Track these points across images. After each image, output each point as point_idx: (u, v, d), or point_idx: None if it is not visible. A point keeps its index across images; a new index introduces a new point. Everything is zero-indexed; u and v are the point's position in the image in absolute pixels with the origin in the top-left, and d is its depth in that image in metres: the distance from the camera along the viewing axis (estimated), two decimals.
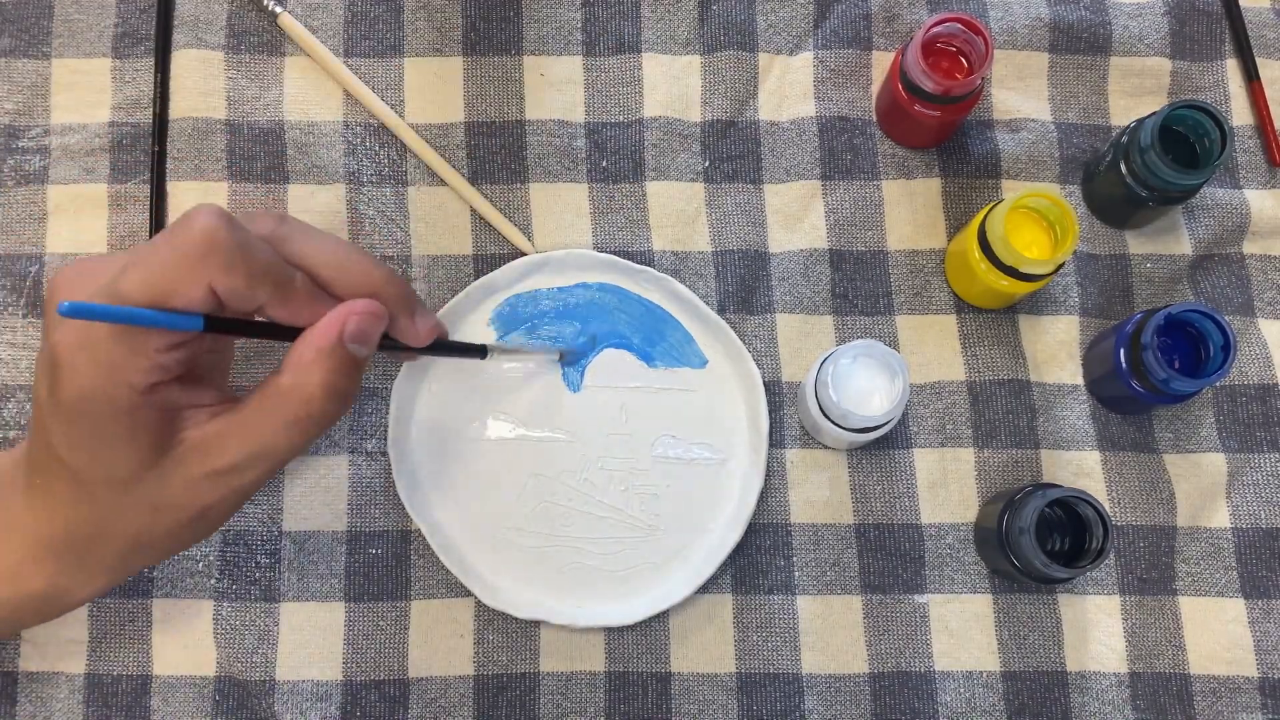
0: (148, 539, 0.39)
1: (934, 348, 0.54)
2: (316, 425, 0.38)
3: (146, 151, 0.55)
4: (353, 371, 0.38)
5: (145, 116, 0.55)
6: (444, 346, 0.44)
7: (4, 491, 0.41)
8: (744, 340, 0.53)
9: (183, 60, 0.55)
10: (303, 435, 0.38)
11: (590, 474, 0.52)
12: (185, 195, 0.54)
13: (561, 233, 0.55)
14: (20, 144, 0.55)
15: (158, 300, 0.34)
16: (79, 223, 0.54)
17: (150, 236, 0.54)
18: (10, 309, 0.53)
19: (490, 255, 0.54)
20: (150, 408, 0.36)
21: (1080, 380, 0.54)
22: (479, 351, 0.48)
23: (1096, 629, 0.51)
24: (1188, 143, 0.52)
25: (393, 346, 0.41)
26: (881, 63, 0.57)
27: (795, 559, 0.52)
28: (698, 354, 0.54)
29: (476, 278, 0.54)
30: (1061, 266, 0.49)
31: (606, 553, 0.52)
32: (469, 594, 0.51)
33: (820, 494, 0.52)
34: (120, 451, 0.36)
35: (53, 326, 0.35)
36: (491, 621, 0.51)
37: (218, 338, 0.41)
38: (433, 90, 0.56)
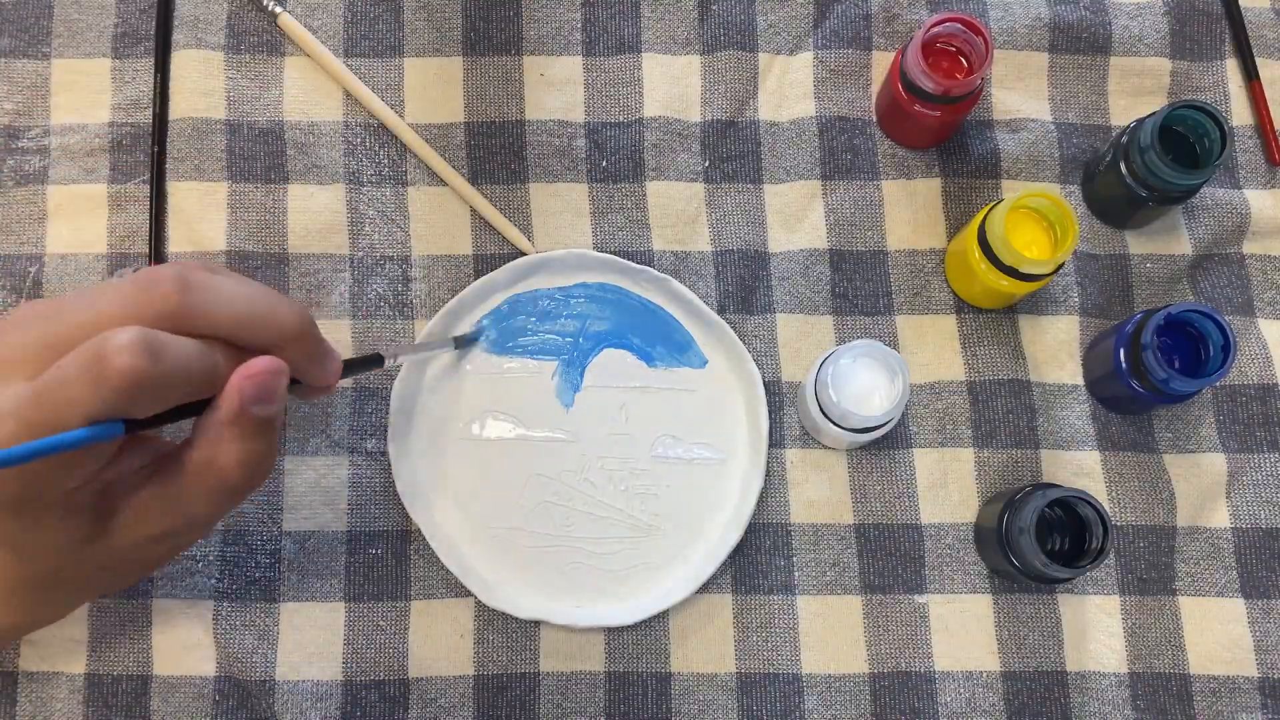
0: (93, 587, 0.40)
1: (934, 348, 0.54)
2: (239, 493, 0.37)
3: (146, 151, 0.55)
4: (264, 432, 0.36)
5: (145, 116, 0.55)
6: (346, 366, 0.42)
7: None
8: (744, 340, 0.53)
9: (183, 60, 0.55)
10: (227, 502, 0.38)
11: (590, 474, 0.52)
12: (185, 195, 0.54)
13: (561, 233, 0.55)
14: (20, 144, 0.55)
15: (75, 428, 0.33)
16: (79, 223, 0.54)
17: (150, 237, 0.54)
18: (10, 309, 0.53)
19: (490, 255, 0.54)
20: (83, 500, 0.36)
21: (1080, 380, 0.54)
22: (377, 361, 0.45)
23: (1096, 629, 0.51)
24: (1188, 143, 0.52)
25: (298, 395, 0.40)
26: (881, 63, 0.57)
27: (795, 559, 0.52)
28: (698, 354, 0.54)
29: (476, 278, 0.54)
30: (1061, 266, 0.49)
31: (606, 553, 0.52)
32: (469, 594, 0.51)
33: (820, 494, 0.52)
34: (59, 535, 0.36)
35: None
36: (491, 621, 0.51)
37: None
38: (433, 90, 0.56)
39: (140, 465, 0.38)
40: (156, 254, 0.54)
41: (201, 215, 0.54)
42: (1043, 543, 0.46)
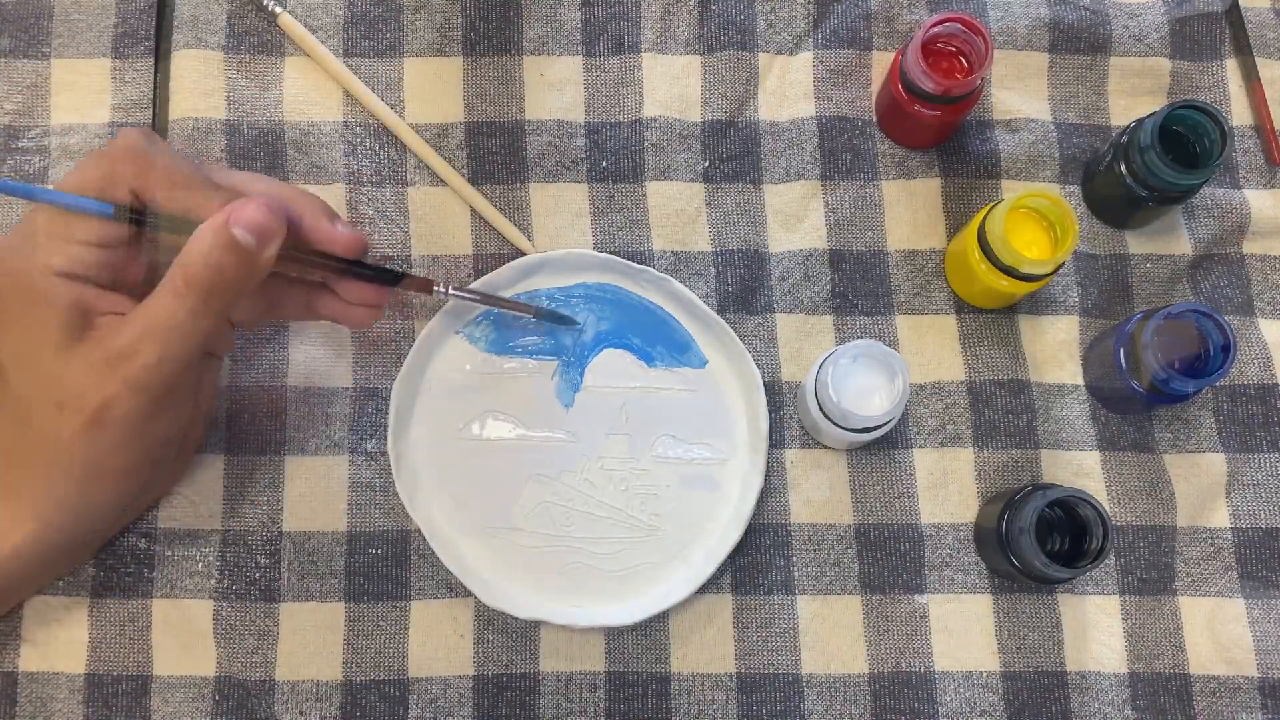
0: (61, 456, 0.41)
1: (934, 348, 0.54)
2: (203, 299, 0.39)
3: None
4: (240, 255, 0.39)
5: (145, 117, 0.55)
6: (364, 268, 0.46)
7: None
8: (744, 340, 0.53)
9: (182, 60, 0.55)
10: (190, 308, 0.39)
11: (590, 474, 0.52)
12: None
13: (561, 233, 0.55)
14: (20, 144, 0.55)
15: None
16: None
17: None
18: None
19: (490, 255, 0.54)
20: (64, 293, 0.39)
21: (1080, 380, 0.54)
22: (424, 286, 0.48)
23: (1096, 629, 0.51)
24: (1187, 143, 0.52)
25: (314, 260, 0.44)
26: (881, 63, 0.57)
27: (795, 559, 0.52)
28: (698, 354, 0.54)
29: (476, 278, 0.54)
30: (1061, 267, 0.49)
31: (606, 553, 0.52)
32: (469, 594, 0.51)
33: (820, 494, 0.52)
34: (31, 324, 0.39)
35: None
36: (491, 621, 0.51)
37: (137, 247, 0.42)
38: (433, 90, 0.56)
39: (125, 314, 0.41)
40: None
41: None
42: (1043, 543, 0.46)
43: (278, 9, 0.55)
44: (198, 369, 0.45)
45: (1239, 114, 0.57)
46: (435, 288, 0.49)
